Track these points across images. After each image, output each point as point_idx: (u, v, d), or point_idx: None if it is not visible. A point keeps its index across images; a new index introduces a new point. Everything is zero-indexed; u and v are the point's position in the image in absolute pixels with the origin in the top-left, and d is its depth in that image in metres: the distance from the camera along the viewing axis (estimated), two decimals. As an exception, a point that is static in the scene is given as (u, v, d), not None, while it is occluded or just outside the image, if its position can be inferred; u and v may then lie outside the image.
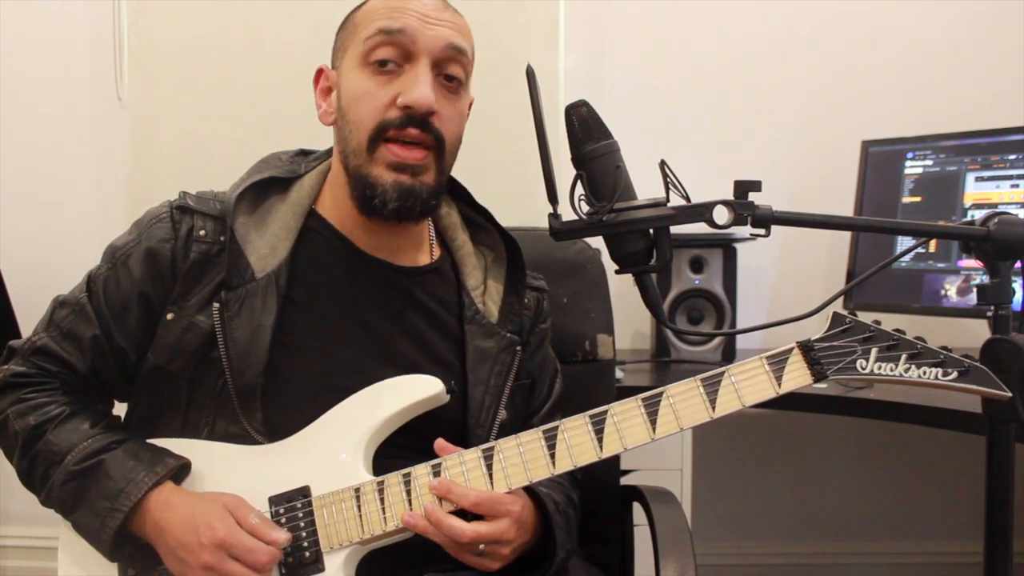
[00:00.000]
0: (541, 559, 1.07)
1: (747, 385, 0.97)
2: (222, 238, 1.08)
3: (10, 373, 1.10)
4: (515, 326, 1.19)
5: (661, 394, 0.98)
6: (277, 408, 1.06)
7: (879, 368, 0.95)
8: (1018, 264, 0.93)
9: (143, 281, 1.08)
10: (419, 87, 1.04)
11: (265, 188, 1.12)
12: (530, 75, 0.95)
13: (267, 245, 1.09)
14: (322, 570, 1.00)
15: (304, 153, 1.20)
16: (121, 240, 1.12)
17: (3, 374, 1.11)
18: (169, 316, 1.07)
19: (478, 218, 1.23)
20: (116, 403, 1.17)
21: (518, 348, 1.17)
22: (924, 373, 0.94)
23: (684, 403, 0.98)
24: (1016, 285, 0.94)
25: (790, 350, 0.98)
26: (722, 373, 0.98)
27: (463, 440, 1.11)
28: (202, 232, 1.09)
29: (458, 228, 1.22)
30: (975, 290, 0.96)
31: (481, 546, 0.98)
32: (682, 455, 1.88)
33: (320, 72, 1.15)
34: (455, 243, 1.21)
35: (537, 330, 1.25)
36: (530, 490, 1.05)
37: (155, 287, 1.08)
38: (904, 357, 0.94)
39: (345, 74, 1.09)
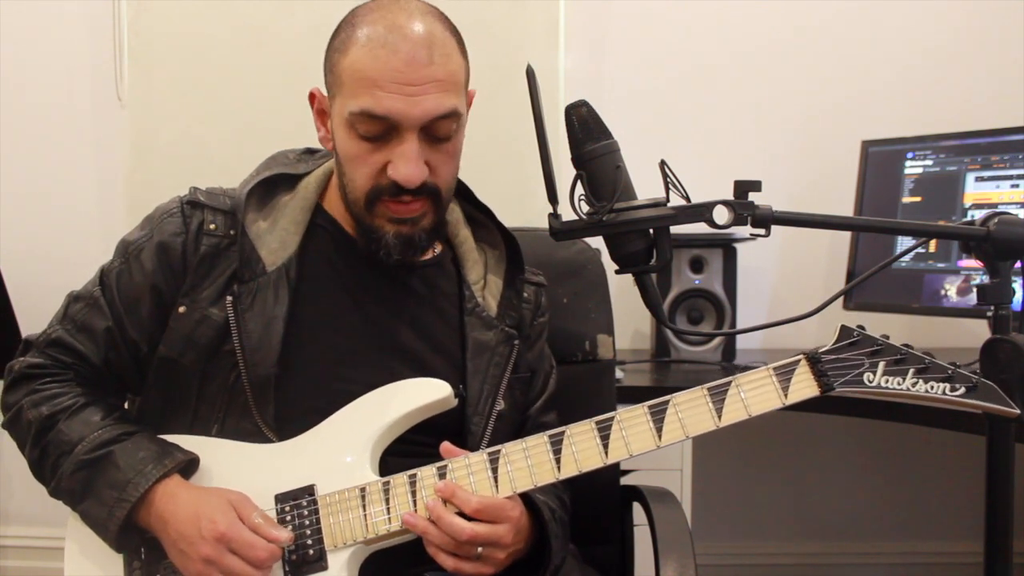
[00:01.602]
0: (536, 566, 1.08)
1: (754, 395, 0.98)
2: (232, 232, 1.10)
3: (26, 364, 1.12)
4: (513, 320, 1.20)
5: (667, 402, 0.99)
6: (288, 401, 1.08)
7: (886, 382, 0.95)
8: (1018, 264, 0.93)
9: (155, 274, 1.10)
10: (406, 164, 1.03)
11: (274, 185, 1.14)
12: (530, 75, 0.95)
13: (276, 239, 1.11)
14: (326, 568, 1.01)
15: (310, 152, 1.22)
16: (133, 235, 1.14)
17: (19, 366, 1.12)
18: (181, 309, 1.09)
19: (479, 215, 1.24)
20: (129, 397, 1.18)
21: (516, 342, 1.18)
22: (931, 388, 0.94)
23: (690, 412, 0.98)
24: (1016, 285, 0.94)
25: (797, 361, 0.98)
26: (728, 383, 0.98)
27: (461, 428, 1.13)
28: (212, 226, 1.10)
29: (460, 224, 1.23)
30: (975, 290, 0.96)
31: (479, 549, 0.98)
32: (682, 455, 1.88)
33: (313, 95, 1.14)
34: (457, 239, 1.22)
35: (536, 323, 1.27)
36: (526, 496, 1.05)
37: (166, 280, 1.10)
38: (912, 372, 0.94)
39: (336, 124, 1.09)
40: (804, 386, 0.97)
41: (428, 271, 1.19)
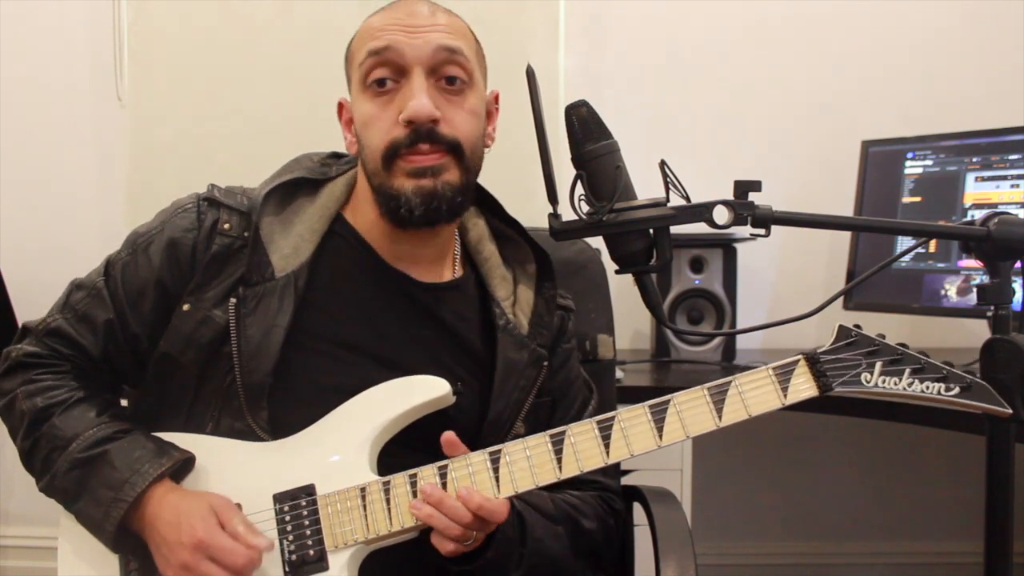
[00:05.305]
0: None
1: (753, 395, 0.98)
2: (246, 234, 1.08)
3: (23, 353, 1.10)
4: (544, 340, 1.18)
5: (668, 402, 0.99)
6: (283, 408, 1.06)
7: (883, 382, 0.95)
8: (1018, 264, 0.93)
9: (161, 269, 1.09)
10: (415, 98, 1.03)
11: (294, 189, 1.13)
12: (530, 75, 0.95)
13: (290, 245, 1.09)
14: (326, 569, 1.00)
15: (337, 156, 1.20)
16: (144, 227, 1.13)
17: (16, 353, 1.11)
18: (186, 307, 1.08)
19: (507, 230, 1.22)
20: (125, 391, 1.17)
21: (544, 364, 1.16)
22: (927, 388, 0.94)
23: (691, 411, 0.98)
24: (1016, 285, 0.94)
25: (796, 361, 0.98)
26: (729, 383, 0.98)
27: (474, 446, 1.09)
28: (227, 226, 1.09)
29: (485, 240, 1.20)
30: (975, 290, 0.96)
31: (475, 533, 0.98)
32: (682, 455, 1.88)
33: (341, 105, 1.16)
34: (482, 255, 1.19)
35: (560, 350, 1.22)
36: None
37: (173, 276, 1.08)
38: (908, 372, 0.95)
39: (354, 103, 1.11)
40: (803, 386, 0.97)
41: (447, 295, 1.16)
